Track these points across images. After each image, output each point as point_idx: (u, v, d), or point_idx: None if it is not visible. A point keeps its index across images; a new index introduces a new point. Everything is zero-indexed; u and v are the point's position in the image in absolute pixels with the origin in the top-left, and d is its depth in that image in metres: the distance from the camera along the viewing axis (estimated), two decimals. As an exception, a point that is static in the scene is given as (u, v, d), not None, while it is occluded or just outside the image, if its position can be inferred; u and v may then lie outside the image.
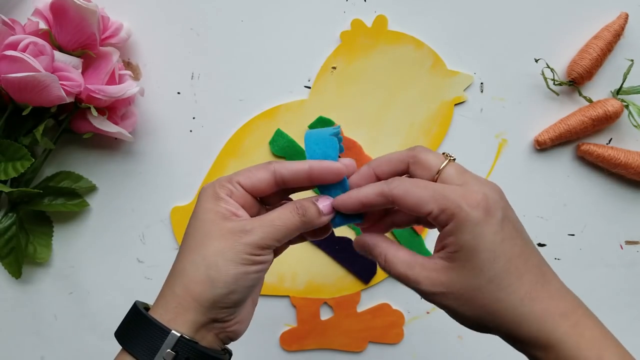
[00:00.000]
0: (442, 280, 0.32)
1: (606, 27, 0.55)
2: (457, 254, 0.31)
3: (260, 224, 0.33)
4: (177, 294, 0.33)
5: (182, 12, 0.57)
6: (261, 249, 0.33)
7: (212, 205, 0.34)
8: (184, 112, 0.58)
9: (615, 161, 0.54)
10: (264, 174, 0.35)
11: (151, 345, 0.32)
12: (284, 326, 0.57)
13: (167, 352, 0.32)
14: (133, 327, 0.33)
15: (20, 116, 0.52)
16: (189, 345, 0.32)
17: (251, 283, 0.34)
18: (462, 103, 0.57)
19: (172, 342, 0.32)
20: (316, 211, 0.35)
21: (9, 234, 0.55)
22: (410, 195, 0.32)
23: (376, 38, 0.57)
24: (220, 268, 0.32)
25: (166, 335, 0.32)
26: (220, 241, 0.33)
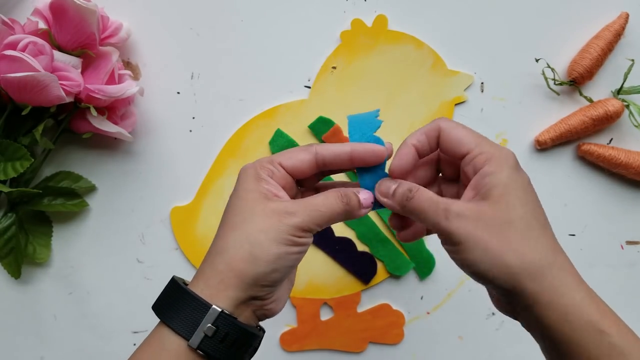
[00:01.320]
0: (474, 208, 0.32)
1: (607, 27, 0.55)
2: (493, 190, 0.32)
3: (304, 207, 0.34)
4: (219, 270, 0.33)
5: (182, 12, 0.57)
6: (303, 232, 0.34)
7: (254, 186, 0.34)
8: (184, 112, 0.57)
9: (615, 161, 0.54)
10: (305, 155, 0.36)
11: (191, 319, 0.32)
12: (284, 326, 0.57)
13: (208, 327, 0.32)
14: (172, 301, 0.33)
15: (19, 116, 0.52)
16: (228, 321, 0.32)
17: (291, 263, 0.34)
18: (463, 103, 0.57)
19: (213, 317, 0.32)
20: (357, 202, 0.35)
21: (9, 234, 0.55)
22: (454, 132, 0.34)
23: (376, 38, 0.57)
24: (263, 246, 0.33)
25: (207, 310, 0.32)
26: (263, 220, 0.33)
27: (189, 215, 0.57)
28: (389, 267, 0.56)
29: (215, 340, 0.32)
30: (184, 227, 0.57)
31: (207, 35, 0.57)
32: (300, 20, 0.57)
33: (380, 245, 0.56)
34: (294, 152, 0.36)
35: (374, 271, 0.56)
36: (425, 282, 0.57)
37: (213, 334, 0.32)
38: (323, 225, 0.34)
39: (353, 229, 0.56)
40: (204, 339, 0.32)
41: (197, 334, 0.32)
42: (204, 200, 0.57)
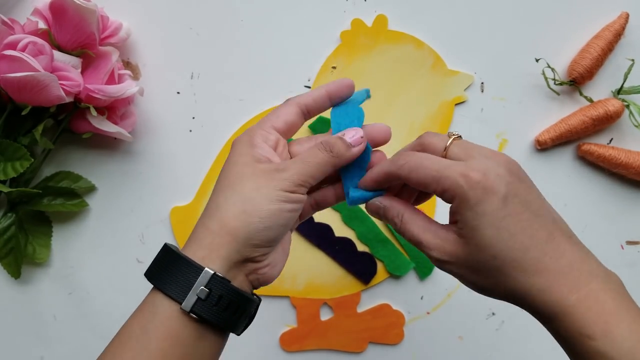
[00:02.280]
0: (451, 251, 0.32)
1: (607, 27, 0.55)
2: (463, 230, 0.32)
3: (292, 162, 0.34)
4: (212, 229, 0.33)
5: (181, 11, 0.57)
6: (296, 186, 0.33)
7: (247, 150, 0.35)
8: (184, 112, 0.57)
9: (616, 161, 0.54)
10: (290, 108, 0.36)
11: (184, 282, 0.31)
12: (284, 326, 0.57)
13: (201, 289, 0.31)
14: (164, 265, 0.33)
15: (19, 116, 0.52)
16: (222, 283, 0.32)
17: (285, 222, 0.34)
18: (463, 103, 0.57)
19: (205, 279, 0.31)
20: (344, 144, 0.35)
21: (8, 234, 0.55)
22: (414, 175, 0.33)
23: (376, 38, 0.57)
24: (256, 202, 0.32)
25: (199, 272, 0.31)
26: (255, 180, 0.33)
27: (189, 215, 0.57)
28: (389, 267, 0.56)
29: (209, 303, 0.32)
30: (184, 227, 0.57)
31: (207, 35, 0.57)
32: (300, 20, 0.57)
33: (380, 245, 0.56)
34: (279, 110, 0.36)
35: (374, 271, 0.56)
36: (425, 282, 0.57)
37: (206, 297, 0.31)
38: (316, 177, 0.34)
39: (353, 229, 0.56)
40: (197, 302, 0.31)
41: (189, 297, 0.31)
42: (204, 200, 0.57)
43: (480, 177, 0.31)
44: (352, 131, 0.36)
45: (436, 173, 0.32)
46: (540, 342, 0.57)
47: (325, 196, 0.38)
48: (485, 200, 0.30)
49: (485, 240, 0.31)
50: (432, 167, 0.32)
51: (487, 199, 0.30)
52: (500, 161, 0.32)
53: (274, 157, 0.35)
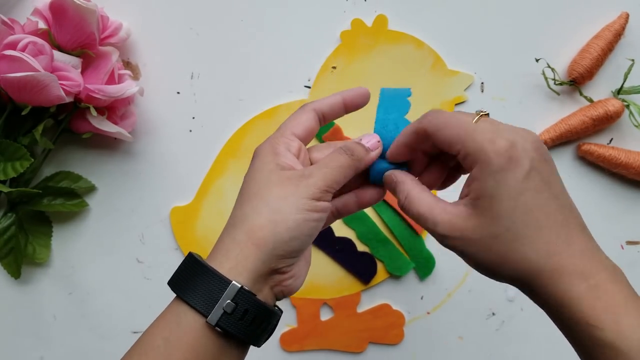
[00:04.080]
0: (461, 226, 0.31)
1: (607, 27, 0.55)
2: (479, 200, 0.31)
3: (316, 168, 0.34)
4: (238, 240, 0.32)
5: (182, 12, 0.57)
6: (322, 192, 0.33)
7: (271, 158, 0.35)
8: (184, 112, 0.57)
9: (616, 161, 0.54)
10: (307, 114, 0.37)
11: (210, 295, 0.31)
12: (284, 326, 0.57)
13: (227, 303, 0.31)
14: (190, 276, 0.32)
15: (19, 116, 0.52)
16: (248, 297, 0.31)
17: (311, 232, 0.33)
18: (463, 103, 0.57)
19: (232, 293, 0.31)
20: (362, 149, 0.36)
21: (8, 234, 0.55)
22: (441, 132, 0.32)
23: (376, 38, 0.57)
24: (283, 213, 0.32)
25: (226, 285, 0.31)
26: (281, 188, 0.33)
27: (189, 215, 0.57)
28: (389, 267, 0.56)
29: (235, 317, 0.31)
30: (184, 227, 0.57)
31: (207, 35, 0.57)
32: (300, 20, 0.57)
33: (380, 245, 0.56)
34: (298, 117, 0.37)
35: (374, 271, 0.56)
36: (425, 282, 0.57)
37: (232, 311, 0.31)
38: (340, 182, 0.34)
39: (353, 229, 0.56)
40: (223, 316, 0.31)
41: (215, 311, 0.31)
42: (204, 200, 0.57)
43: (507, 146, 0.30)
44: (368, 137, 0.37)
45: (463, 133, 0.31)
46: (540, 342, 0.57)
47: (346, 203, 0.38)
48: (508, 170, 0.30)
49: (501, 210, 0.30)
50: (461, 126, 0.32)
51: (510, 168, 0.30)
52: (529, 138, 0.31)
53: (297, 164, 0.35)
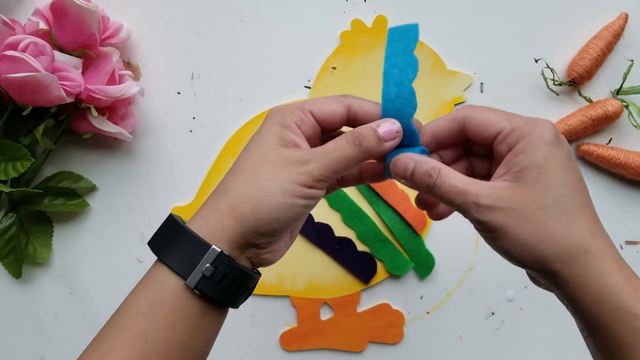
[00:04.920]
0: (506, 196, 0.30)
1: (606, 27, 0.55)
2: (526, 171, 0.30)
3: (317, 154, 0.32)
4: (220, 209, 0.32)
5: (182, 12, 0.58)
6: (315, 181, 0.32)
7: (277, 129, 0.33)
8: (184, 112, 0.58)
9: (615, 161, 0.54)
10: (338, 107, 0.34)
11: (190, 258, 0.31)
12: (284, 326, 0.57)
13: (207, 267, 0.31)
14: (170, 238, 0.32)
15: (20, 116, 0.52)
16: (227, 262, 0.31)
17: (296, 216, 0.32)
18: (462, 103, 0.57)
19: (212, 257, 0.31)
20: (375, 138, 0.32)
21: (9, 234, 0.55)
22: (481, 116, 0.32)
23: (376, 38, 0.57)
24: (269, 192, 0.31)
25: (206, 249, 0.31)
26: (275, 167, 0.32)
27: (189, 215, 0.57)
28: (388, 267, 0.56)
29: (213, 281, 0.31)
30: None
31: (207, 35, 0.58)
32: (300, 20, 0.57)
33: (380, 245, 0.56)
34: (327, 101, 0.34)
35: (373, 271, 0.56)
36: (425, 282, 0.57)
37: (211, 275, 0.31)
38: (339, 172, 0.32)
39: (353, 229, 0.56)
40: (202, 279, 0.31)
41: (195, 274, 0.31)
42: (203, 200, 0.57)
43: (551, 125, 0.31)
44: (388, 123, 0.33)
45: (506, 114, 0.32)
46: (539, 342, 0.57)
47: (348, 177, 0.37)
48: (556, 145, 0.31)
49: (552, 181, 0.30)
50: (500, 111, 0.32)
51: (557, 144, 0.31)
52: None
53: (303, 142, 0.33)
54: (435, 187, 0.32)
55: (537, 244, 0.30)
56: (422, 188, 0.32)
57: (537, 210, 0.30)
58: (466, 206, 0.31)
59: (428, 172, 0.32)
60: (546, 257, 0.30)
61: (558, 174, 0.30)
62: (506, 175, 0.31)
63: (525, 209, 0.30)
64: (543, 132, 0.31)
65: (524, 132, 0.31)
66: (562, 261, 0.30)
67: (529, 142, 0.30)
